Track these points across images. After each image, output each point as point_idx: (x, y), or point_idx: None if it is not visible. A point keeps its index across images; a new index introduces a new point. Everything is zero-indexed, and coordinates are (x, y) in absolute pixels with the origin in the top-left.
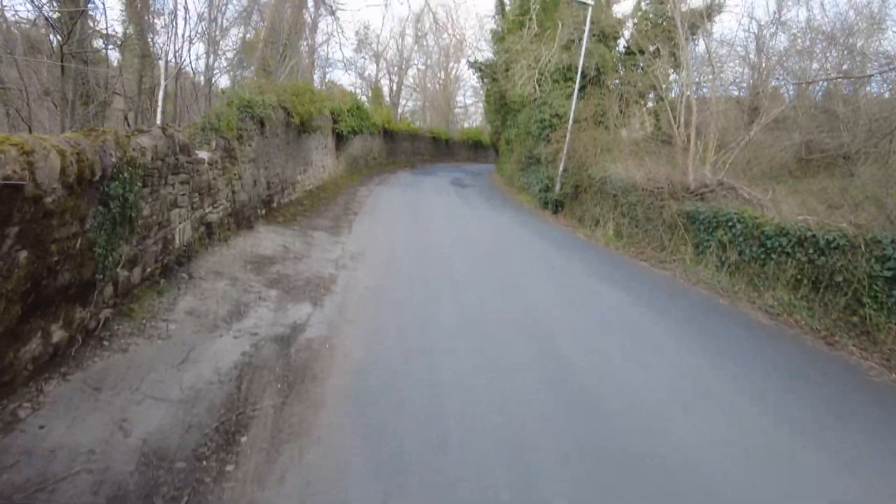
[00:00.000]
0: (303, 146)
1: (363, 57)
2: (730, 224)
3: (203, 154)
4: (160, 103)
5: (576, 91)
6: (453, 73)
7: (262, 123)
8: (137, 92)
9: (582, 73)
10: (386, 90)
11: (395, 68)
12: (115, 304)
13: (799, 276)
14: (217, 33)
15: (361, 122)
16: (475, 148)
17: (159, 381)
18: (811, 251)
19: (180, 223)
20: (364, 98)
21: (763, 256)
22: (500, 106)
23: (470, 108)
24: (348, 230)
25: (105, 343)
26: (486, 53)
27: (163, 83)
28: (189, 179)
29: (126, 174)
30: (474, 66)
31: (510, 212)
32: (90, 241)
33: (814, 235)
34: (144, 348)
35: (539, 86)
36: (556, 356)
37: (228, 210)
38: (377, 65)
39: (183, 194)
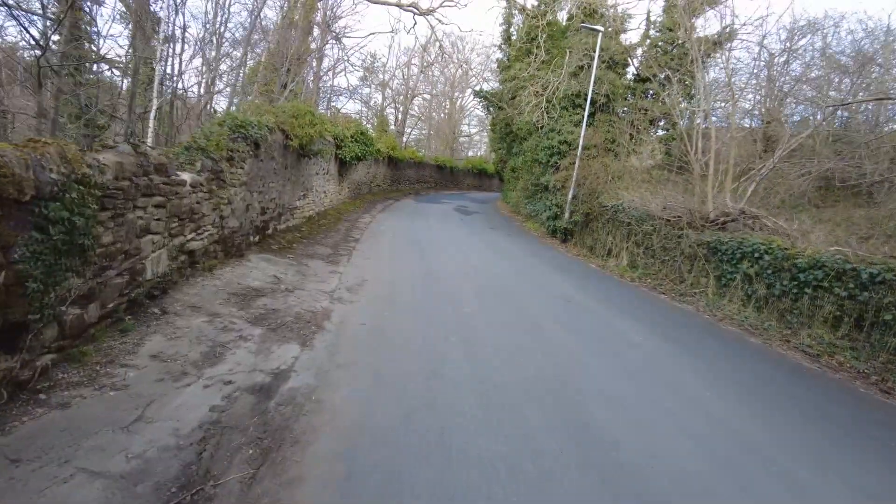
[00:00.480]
0: (302, 171)
1: (369, 85)
2: (756, 255)
3: (185, 175)
4: (151, 124)
5: (585, 117)
6: (458, 103)
7: (256, 145)
8: (128, 112)
9: (591, 99)
10: (391, 119)
11: (401, 97)
12: (60, 349)
13: (838, 313)
14: (213, 55)
15: (365, 149)
16: (479, 176)
17: (101, 447)
18: (851, 286)
19: (154, 252)
20: (369, 126)
21: (795, 291)
22: (505, 134)
23: (474, 137)
24: (347, 259)
25: (41, 397)
26: (491, 83)
27: (154, 103)
28: (166, 203)
29: (74, 194)
30: (480, 94)
31: (518, 240)
32: (19, 274)
33: (854, 269)
34: (92, 403)
35: (547, 113)
36: (590, 427)
37: (215, 237)
38: (383, 94)
39: (158, 219)
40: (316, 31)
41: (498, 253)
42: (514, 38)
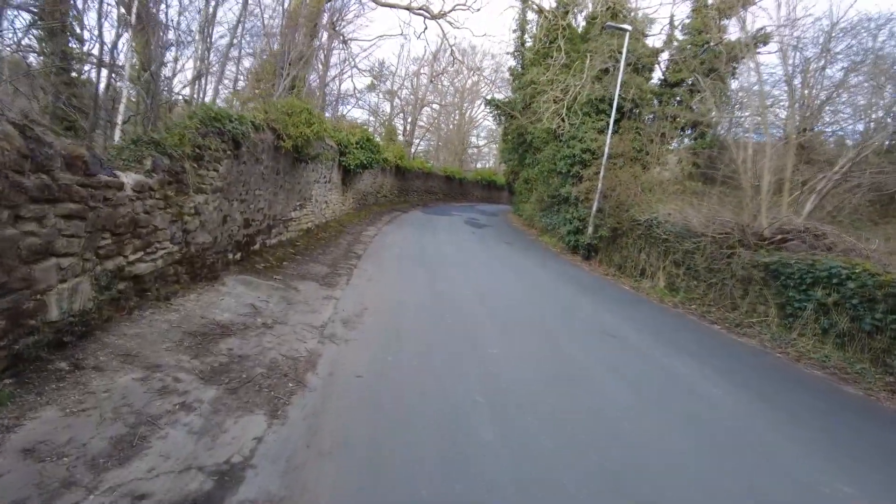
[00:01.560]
0: (299, 178)
1: (377, 93)
2: (835, 281)
3: (127, 177)
4: (119, 119)
5: (611, 123)
6: (467, 114)
7: (235, 143)
8: (93, 107)
9: (617, 105)
10: (399, 129)
11: (410, 107)
12: None
13: None
14: (204, 51)
15: (371, 156)
16: (489, 188)
17: None
18: None
19: (64, 282)
20: (377, 135)
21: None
22: (517, 144)
23: (483, 149)
24: (346, 280)
25: None
26: (503, 93)
27: (124, 95)
28: (85, 212)
29: None
30: (492, 103)
31: (536, 257)
32: None
33: None
34: None
35: (567, 119)
36: None
37: (176, 256)
38: (391, 103)
39: (71, 235)
40: (324, 38)
41: (516, 272)
42: (528, 44)
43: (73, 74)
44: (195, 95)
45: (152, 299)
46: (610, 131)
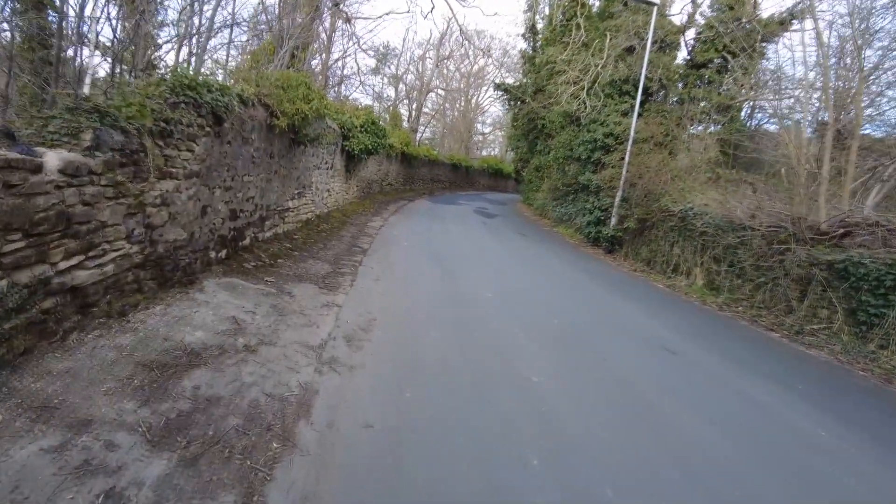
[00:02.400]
0: (297, 162)
1: (382, 77)
2: None
3: (50, 156)
4: (87, 90)
5: (637, 105)
6: (473, 100)
7: (216, 119)
8: (53, 75)
9: (643, 86)
10: (404, 115)
11: (415, 93)
12: None
13: None
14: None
15: (377, 141)
16: (495, 176)
17: None
18: None
19: None
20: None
21: None
22: (528, 130)
23: (488, 136)
24: (350, 282)
25: None
26: (513, 76)
27: (91, 64)
28: None
29: None
30: (501, 87)
31: (554, 250)
32: None
33: None
34: None
35: (588, 101)
36: None
37: (135, 259)
38: (396, 88)
39: None
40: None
41: (536, 268)
42: (540, 25)
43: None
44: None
45: (100, 317)
46: (636, 113)
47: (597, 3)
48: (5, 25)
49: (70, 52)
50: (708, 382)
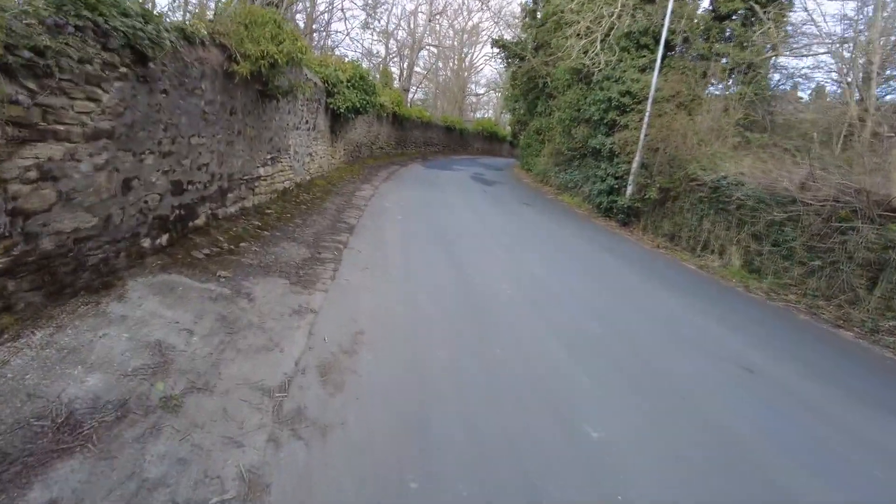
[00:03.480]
0: (268, 121)
1: (372, 32)
2: None
3: None
4: None
5: (659, 60)
6: (467, 59)
7: (138, 57)
8: None
9: (665, 40)
10: (395, 73)
11: (406, 50)
12: None
13: None
14: None
15: (365, 98)
16: (490, 140)
17: None
18: None
19: None
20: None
21: None
22: (528, 90)
23: (482, 98)
24: (332, 272)
25: None
26: (510, 33)
27: None
28: None
29: None
30: (499, 43)
31: (566, 224)
32: None
33: None
34: None
35: (603, 55)
36: None
37: None
38: (387, 45)
39: None
40: None
41: (553, 247)
42: None
43: None
44: None
45: None
46: (657, 68)
47: None
48: None
49: None
50: (803, 415)
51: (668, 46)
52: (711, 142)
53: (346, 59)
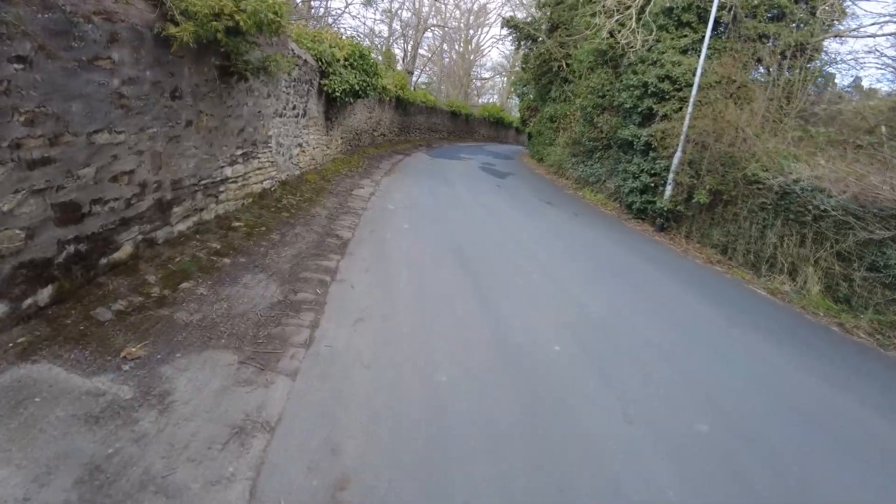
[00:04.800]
0: (236, 107)
1: (375, 10)
2: None
3: None
4: None
5: (707, 38)
6: (473, 41)
7: None
8: None
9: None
10: (399, 55)
11: (410, 31)
12: None
13: None
14: None
15: (366, 80)
16: (496, 126)
17: None
18: None
19: None
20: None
21: None
22: (540, 74)
23: (487, 83)
24: (309, 331)
25: None
26: (521, 12)
27: None
28: None
29: None
30: (510, 23)
31: (600, 228)
32: None
33: None
34: None
35: (639, 34)
36: None
37: None
38: (390, 26)
39: None
40: None
41: (594, 261)
42: None
43: None
44: None
45: None
46: (704, 50)
47: None
48: None
49: None
50: None
51: (720, 25)
52: (766, 137)
53: (344, 37)
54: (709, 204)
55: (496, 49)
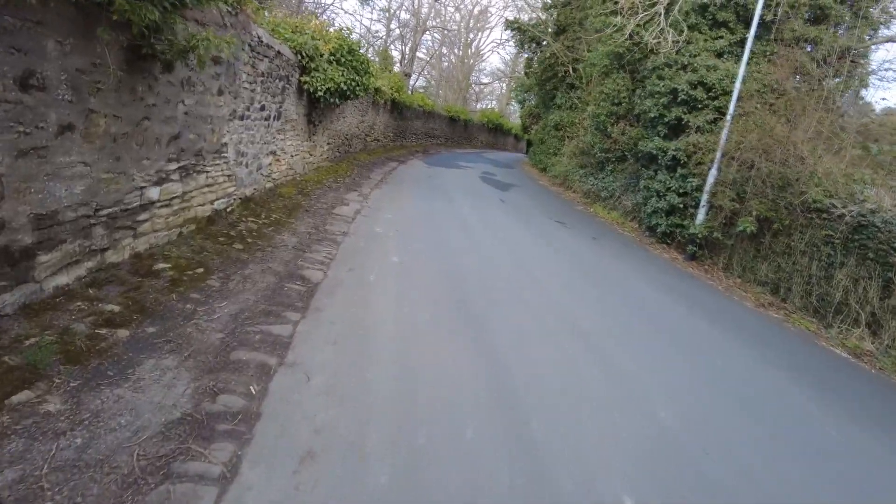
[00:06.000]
0: (162, 105)
1: (371, 9)
2: None
3: None
4: None
5: (750, 40)
6: (473, 45)
7: None
8: None
9: (757, 18)
10: (396, 57)
11: (409, 32)
12: None
13: None
14: None
15: (355, 79)
16: (495, 132)
17: None
18: None
19: None
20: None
21: None
22: (545, 79)
23: (485, 88)
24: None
25: None
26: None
27: None
28: None
29: None
30: (514, 25)
31: (619, 253)
32: None
33: None
34: None
35: (670, 35)
36: None
37: None
38: (387, 27)
39: None
40: None
41: (626, 308)
42: None
43: None
44: None
45: None
46: (746, 54)
47: None
48: None
49: None
50: None
51: (763, 25)
52: (821, 155)
53: (332, 30)
54: (758, 232)
55: (496, 54)
